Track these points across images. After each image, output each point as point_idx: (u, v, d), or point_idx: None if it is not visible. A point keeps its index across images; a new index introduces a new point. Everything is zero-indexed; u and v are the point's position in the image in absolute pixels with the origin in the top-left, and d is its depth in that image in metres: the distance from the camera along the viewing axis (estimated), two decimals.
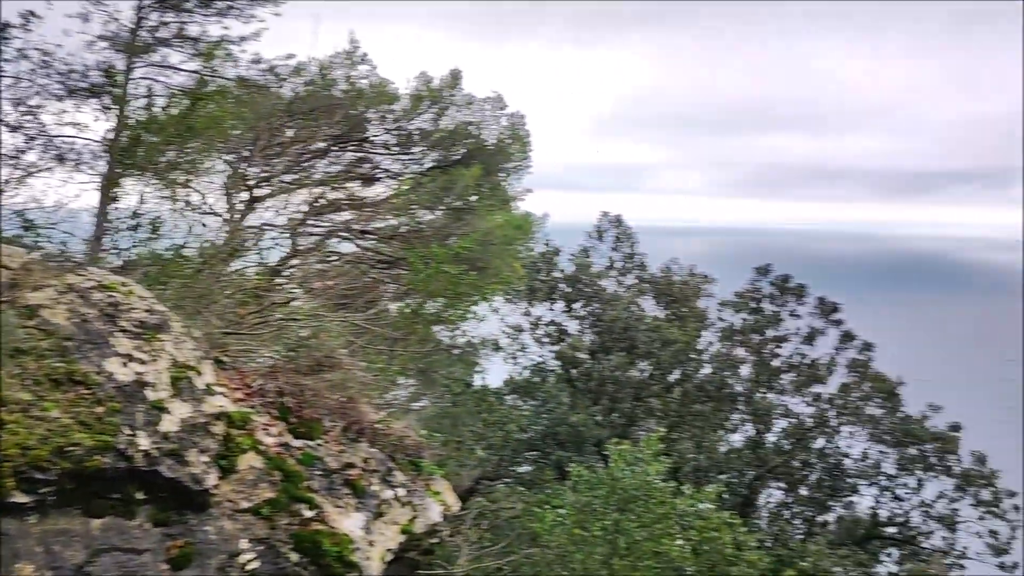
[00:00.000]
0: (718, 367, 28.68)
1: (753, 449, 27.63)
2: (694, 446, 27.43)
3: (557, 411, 26.57)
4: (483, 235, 18.89)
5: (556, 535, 13.73)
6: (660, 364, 28.65)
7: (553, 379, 29.50)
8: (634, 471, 13.72)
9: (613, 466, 13.93)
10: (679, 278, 31.45)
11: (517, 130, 21.62)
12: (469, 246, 17.83)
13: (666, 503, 13.68)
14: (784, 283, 28.25)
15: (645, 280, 31.38)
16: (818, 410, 27.10)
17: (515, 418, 25.30)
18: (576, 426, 25.54)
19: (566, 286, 30.18)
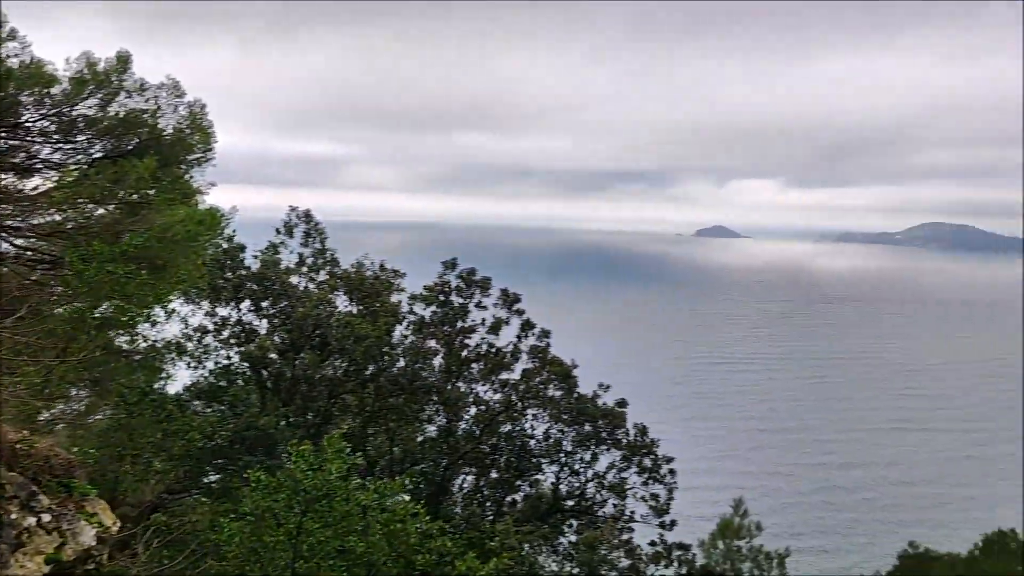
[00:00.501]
0: (411, 360, 29.19)
1: (446, 438, 28.47)
2: (389, 440, 27.69)
3: (245, 415, 25.52)
4: (161, 231, 17.50)
5: (236, 545, 13.15)
6: (354, 360, 28.57)
7: (241, 382, 28.31)
8: (316, 472, 13.48)
9: (294, 468, 13.59)
10: (371, 273, 31.55)
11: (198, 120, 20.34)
12: (142, 243, 16.45)
13: (350, 500, 13.61)
14: (470, 276, 29.38)
15: (337, 276, 31.12)
16: (505, 396, 28.52)
17: (198, 425, 23.86)
18: (266, 429, 24.73)
19: (253, 284, 29.10)
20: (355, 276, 30.56)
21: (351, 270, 31.09)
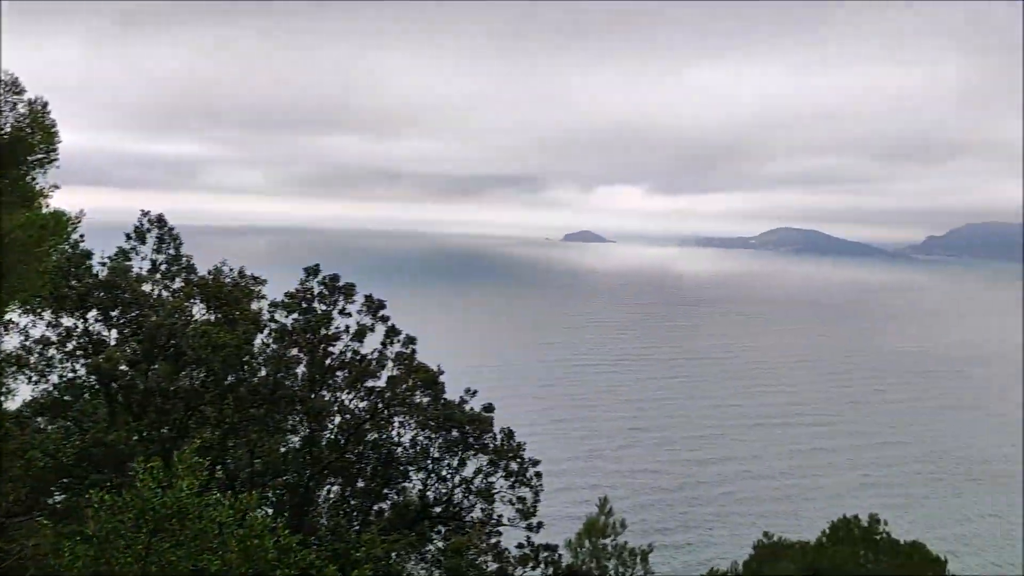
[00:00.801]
0: (273, 369, 28.36)
1: (309, 448, 27.80)
2: (250, 452, 26.81)
3: (93, 431, 24.13)
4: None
5: (79, 570, 12.37)
6: (212, 370, 27.49)
7: (88, 396, 26.76)
8: (166, 489, 12.84)
9: (141, 486, 12.91)
10: (230, 280, 30.46)
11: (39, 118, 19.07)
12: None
13: (203, 517, 13.04)
14: (333, 282, 28.81)
15: (193, 283, 29.90)
16: (371, 404, 28.12)
17: (40, 443, 22.39)
18: (115, 445, 23.47)
19: (101, 292, 27.55)
20: (213, 283, 29.41)
21: (208, 277, 29.92)
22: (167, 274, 30.03)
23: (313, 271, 29.06)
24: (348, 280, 30.87)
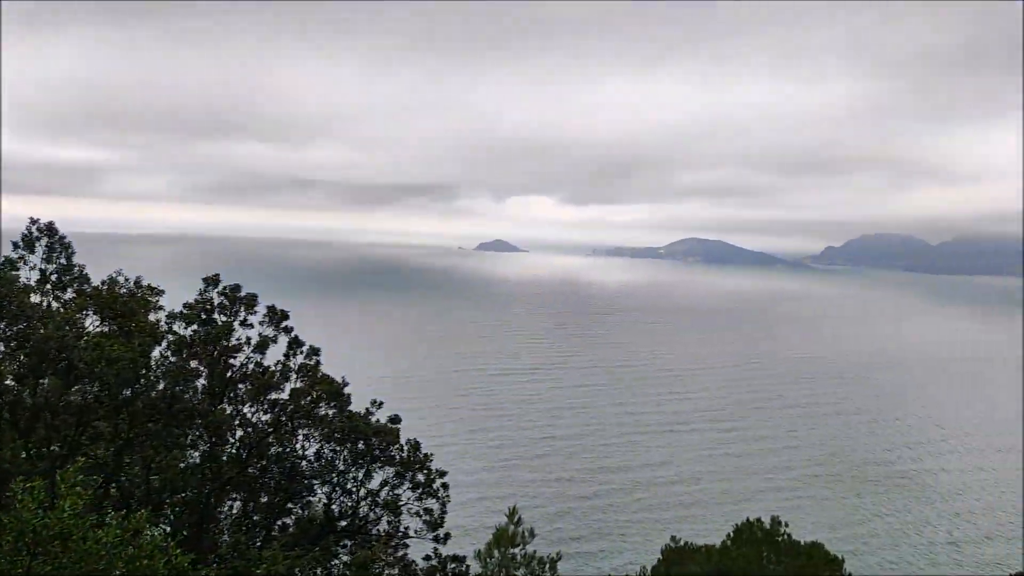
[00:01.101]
0: (171, 382, 27.36)
1: (209, 463, 26.92)
2: (146, 468, 25.81)
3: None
4: None
5: None
6: (106, 384, 26.35)
7: None
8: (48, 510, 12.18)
9: (21, 506, 12.22)
10: (126, 290, 29.33)
11: None
12: None
13: (88, 539, 12.43)
14: (234, 293, 27.99)
15: (86, 294, 28.64)
16: (274, 416, 27.42)
17: None
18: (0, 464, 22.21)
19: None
20: (107, 293, 28.22)
21: (103, 287, 28.70)
22: (58, 284, 28.67)
23: (213, 281, 28.12)
24: (255, 290, 30.08)
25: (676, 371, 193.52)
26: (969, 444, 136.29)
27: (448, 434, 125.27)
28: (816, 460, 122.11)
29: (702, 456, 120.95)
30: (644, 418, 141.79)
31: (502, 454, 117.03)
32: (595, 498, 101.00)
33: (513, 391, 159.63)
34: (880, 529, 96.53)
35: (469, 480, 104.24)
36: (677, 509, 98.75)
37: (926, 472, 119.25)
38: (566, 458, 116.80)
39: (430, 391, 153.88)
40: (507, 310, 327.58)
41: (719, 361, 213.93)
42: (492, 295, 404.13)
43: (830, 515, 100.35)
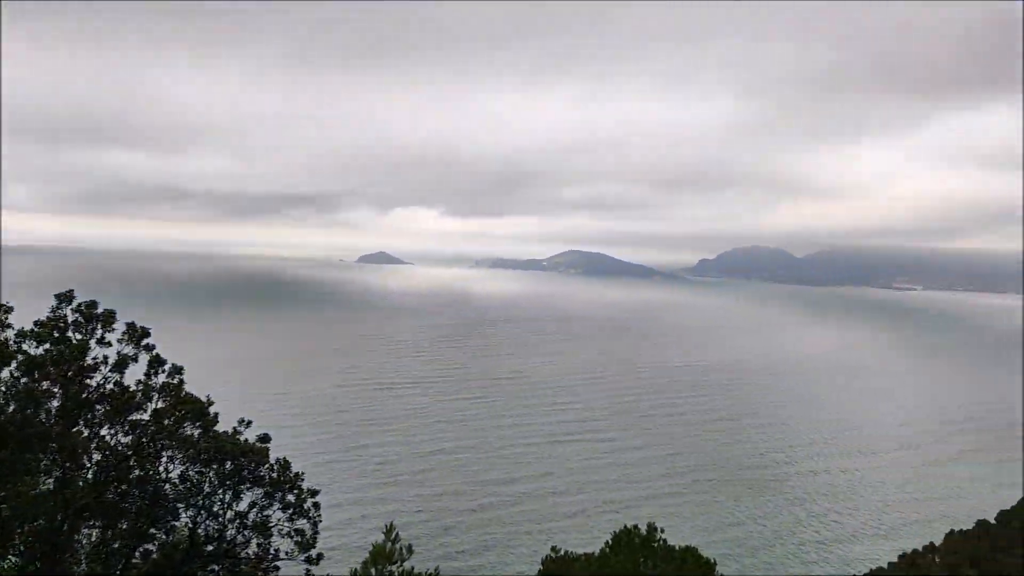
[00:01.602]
0: (21, 405, 25.53)
1: (63, 489, 25.22)
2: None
3: None
4: None
5: None
6: None
7: None
8: None
9: None
10: None
11: None
12: None
13: None
14: (90, 309, 26.35)
15: None
16: (135, 439, 25.96)
17: None
18: None
19: None
20: None
21: None
22: None
23: (67, 297, 26.40)
24: (119, 306, 28.49)
25: (559, 381, 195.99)
26: (835, 447, 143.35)
27: (330, 451, 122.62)
28: (694, 467, 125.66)
29: (585, 466, 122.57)
30: (528, 429, 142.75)
31: (385, 470, 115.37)
32: (480, 511, 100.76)
33: (396, 405, 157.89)
34: (755, 531, 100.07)
35: (351, 498, 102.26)
36: (562, 520, 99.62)
37: (797, 475, 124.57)
38: (450, 472, 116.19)
39: (310, 407, 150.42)
40: (389, 323, 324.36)
41: (601, 371, 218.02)
42: (374, 307, 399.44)
43: (708, 520, 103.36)
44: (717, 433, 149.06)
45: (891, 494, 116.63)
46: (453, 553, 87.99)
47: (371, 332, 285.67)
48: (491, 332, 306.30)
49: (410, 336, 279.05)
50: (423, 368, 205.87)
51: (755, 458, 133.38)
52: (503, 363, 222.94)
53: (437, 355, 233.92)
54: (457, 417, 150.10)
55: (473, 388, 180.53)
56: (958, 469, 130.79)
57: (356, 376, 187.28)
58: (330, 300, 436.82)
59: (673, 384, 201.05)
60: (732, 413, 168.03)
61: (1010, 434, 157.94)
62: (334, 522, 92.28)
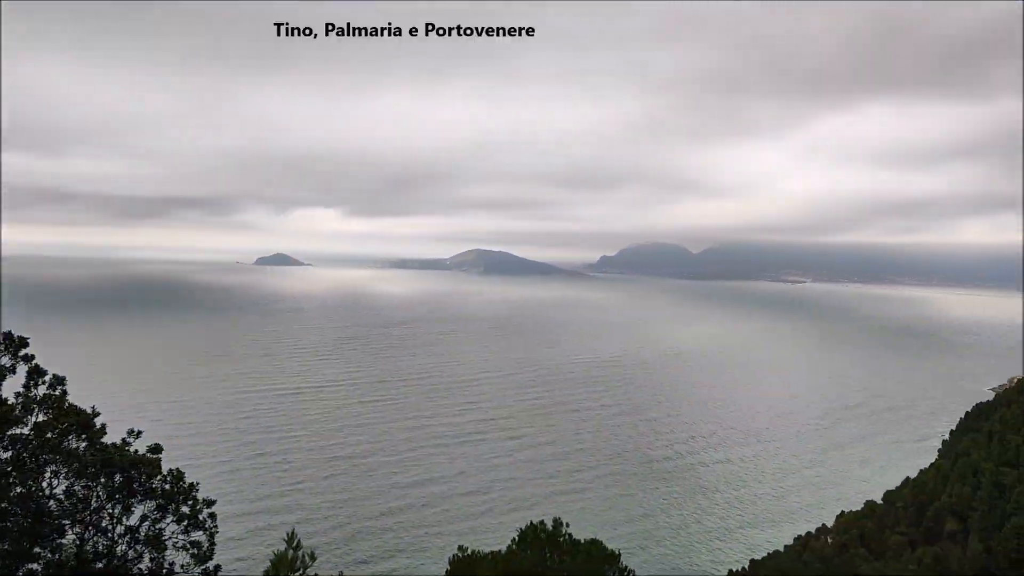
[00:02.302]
0: None
1: None
2: None
3: None
4: None
5: None
6: None
7: None
8: None
9: None
10: None
11: None
12: None
13: None
14: None
15: None
16: (15, 454, 24.46)
17: None
18: None
19: None
20: None
21: None
22: None
23: None
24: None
25: (464, 381, 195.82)
26: (735, 435, 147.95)
27: (231, 459, 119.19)
28: (600, 461, 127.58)
29: (493, 465, 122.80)
30: (435, 430, 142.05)
31: (290, 477, 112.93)
32: (389, 515, 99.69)
33: (299, 410, 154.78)
34: (663, 522, 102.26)
35: (255, 507, 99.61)
36: (471, 520, 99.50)
37: (701, 465, 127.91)
38: (357, 477, 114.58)
39: (209, 416, 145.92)
40: (290, 326, 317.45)
41: (506, 368, 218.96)
42: (274, 311, 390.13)
43: (616, 512, 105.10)
44: (621, 427, 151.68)
45: (789, 480, 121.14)
46: (363, 559, 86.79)
47: (270, 336, 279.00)
48: (394, 333, 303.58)
49: (311, 339, 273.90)
50: (326, 372, 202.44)
51: (659, 450, 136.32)
52: (408, 364, 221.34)
53: (340, 358, 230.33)
54: (363, 420, 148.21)
55: (378, 390, 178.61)
56: (850, 453, 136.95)
57: (257, 382, 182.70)
58: (226, 304, 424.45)
59: (577, 380, 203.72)
60: (634, 406, 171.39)
61: (893, 417, 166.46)
62: (237, 532, 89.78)
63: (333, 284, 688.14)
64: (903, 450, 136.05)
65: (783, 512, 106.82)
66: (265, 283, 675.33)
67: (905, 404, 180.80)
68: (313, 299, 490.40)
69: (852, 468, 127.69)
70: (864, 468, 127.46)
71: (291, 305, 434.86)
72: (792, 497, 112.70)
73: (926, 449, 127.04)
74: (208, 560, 23.58)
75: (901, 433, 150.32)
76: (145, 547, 23.69)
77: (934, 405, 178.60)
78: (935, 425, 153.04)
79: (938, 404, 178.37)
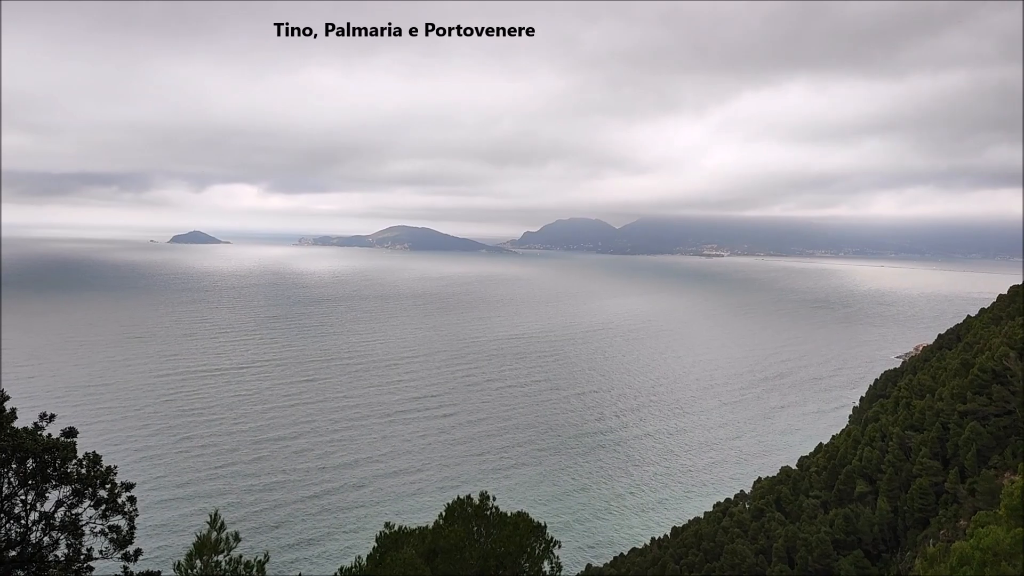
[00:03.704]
0: None
1: None
2: None
3: None
4: None
5: None
6: None
7: None
8: None
9: None
10: None
11: None
12: None
13: None
14: None
15: None
16: None
17: None
18: None
19: None
20: None
21: None
22: None
23: None
24: None
25: (392, 359, 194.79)
26: (664, 407, 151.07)
27: (154, 444, 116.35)
28: (532, 437, 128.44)
29: (425, 444, 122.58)
30: (364, 410, 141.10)
31: (216, 460, 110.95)
32: (319, 497, 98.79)
33: (224, 392, 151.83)
34: (594, 495, 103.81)
35: (181, 492, 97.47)
36: (403, 500, 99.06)
37: (633, 439, 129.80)
38: (286, 459, 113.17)
39: (129, 399, 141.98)
40: (210, 306, 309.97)
41: (433, 346, 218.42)
42: (192, 290, 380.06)
43: (547, 487, 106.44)
44: (550, 402, 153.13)
45: (717, 451, 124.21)
46: (293, 543, 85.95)
47: (190, 316, 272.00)
48: (318, 312, 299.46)
49: (232, 319, 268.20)
50: (250, 352, 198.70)
51: (590, 423, 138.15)
52: (334, 343, 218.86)
53: (264, 338, 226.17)
54: (290, 401, 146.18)
55: (305, 370, 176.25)
56: (774, 423, 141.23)
57: (178, 364, 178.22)
58: (141, 284, 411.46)
59: (503, 355, 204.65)
60: (563, 381, 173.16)
61: (816, 387, 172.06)
62: (162, 517, 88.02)
63: (253, 262, 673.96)
64: (827, 419, 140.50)
65: (712, 482, 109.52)
66: (181, 261, 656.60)
67: (827, 374, 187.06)
68: (233, 278, 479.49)
69: (776, 437, 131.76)
70: (789, 436, 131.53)
71: (210, 284, 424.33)
72: (719, 468, 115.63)
73: (844, 416, 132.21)
74: (128, 544, 23.02)
75: (822, 403, 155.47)
76: (61, 533, 23.01)
77: (853, 375, 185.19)
78: (854, 393, 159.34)
79: (857, 374, 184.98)
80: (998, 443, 57.79)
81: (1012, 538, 23.01)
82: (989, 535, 23.68)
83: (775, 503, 67.83)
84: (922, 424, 64.35)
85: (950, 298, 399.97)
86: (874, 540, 58.54)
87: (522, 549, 28.39)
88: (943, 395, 65.10)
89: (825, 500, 65.74)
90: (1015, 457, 52.69)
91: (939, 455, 60.63)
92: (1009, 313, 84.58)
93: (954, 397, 63.46)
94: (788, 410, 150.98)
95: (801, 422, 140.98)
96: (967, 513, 48.55)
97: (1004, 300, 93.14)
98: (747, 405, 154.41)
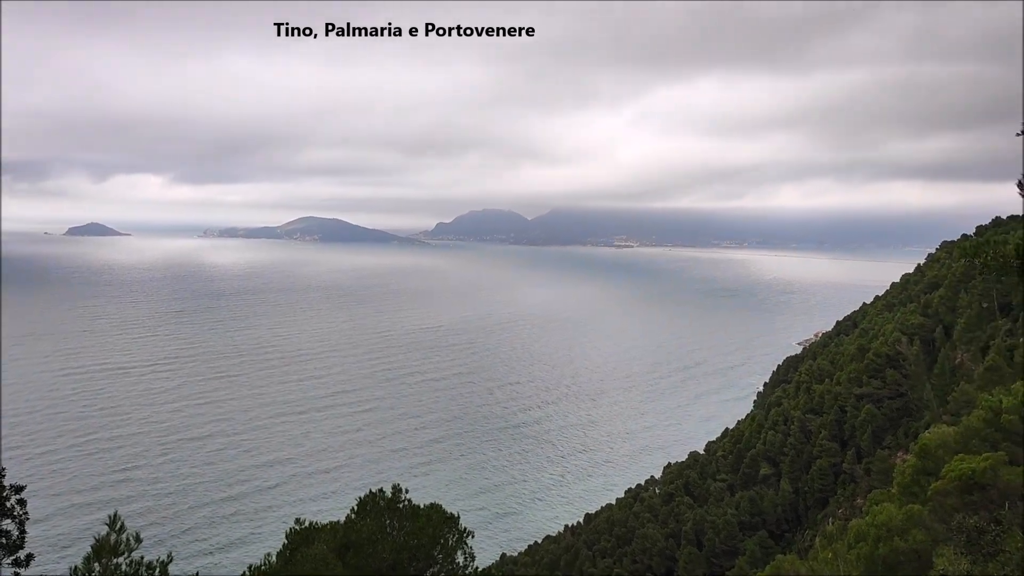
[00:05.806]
0: None
1: None
2: None
3: None
4: None
5: None
6: None
7: None
8: None
9: None
10: None
11: None
12: None
13: None
14: None
15: None
16: None
17: None
18: None
19: None
20: None
21: None
22: None
23: None
24: None
25: (306, 353, 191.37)
26: (582, 400, 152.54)
27: (52, 444, 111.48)
28: (452, 431, 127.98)
29: (342, 441, 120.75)
30: (278, 408, 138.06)
31: (122, 462, 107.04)
32: (234, 499, 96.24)
33: (130, 389, 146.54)
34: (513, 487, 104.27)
35: (84, 497, 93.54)
36: (319, 501, 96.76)
37: (554, 431, 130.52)
38: (196, 456, 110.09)
39: (28, 397, 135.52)
40: (110, 300, 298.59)
41: (349, 339, 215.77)
42: (91, 284, 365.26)
43: (467, 479, 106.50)
44: (469, 395, 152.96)
45: (639, 440, 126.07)
46: (207, 549, 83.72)
47: (88, 312, 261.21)
48: (223, 305, 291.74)
49: (135, 314, 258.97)
50: (156, 348, 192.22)
51: (510, 416, 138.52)
52: (243, 337, 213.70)
53: (170, 334, 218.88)
54: (201, 399, 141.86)
55: (215, 366, 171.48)
56: (691, 411, 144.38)
57: (77, 361, 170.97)
58: (33, 278, 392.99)
59: (420, 347, 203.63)
60: (479, 373, 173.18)
61: (730, 375, 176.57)
62: (67, 526, 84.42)
63: (155, 255, 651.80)
64: (740, 406, 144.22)
65: (633, 471, 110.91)
66: (83, 254, 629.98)
67: (739, 362, 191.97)
68: (136, 271, 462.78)
69: (693, 424, 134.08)
70: (707, 423, 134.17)
71: (109, 278, 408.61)
72: (643, 458, 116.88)
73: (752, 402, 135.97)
74: (19, 550, 21.92)
75: (738, 391, 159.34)
76: None
77: (764, 362, 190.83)
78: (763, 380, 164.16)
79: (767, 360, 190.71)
80: (892, 424, 60.55)
81: (904, 515, 24.12)
82: (883, 512, 24.79)
83: (684, 487, 69.51)
84: (821, 407, 66.86)
85: (847, 286, 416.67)
86: (777, 520, 60.62)
87: (435, 541, 28.30)
88: (840, 379, 67.79)
89: (731, 483, 67.70)
90: (907, 437, 55.26)
91: (837, 437, 63.16)
92: (901, 300, 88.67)
93: (851, 381, 66.15)
94: (704, 398, 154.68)
95: (716, 409, 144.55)
96: (863, 492, 50.71)
97: (896, 288, 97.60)
98: (665, 394, 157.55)
